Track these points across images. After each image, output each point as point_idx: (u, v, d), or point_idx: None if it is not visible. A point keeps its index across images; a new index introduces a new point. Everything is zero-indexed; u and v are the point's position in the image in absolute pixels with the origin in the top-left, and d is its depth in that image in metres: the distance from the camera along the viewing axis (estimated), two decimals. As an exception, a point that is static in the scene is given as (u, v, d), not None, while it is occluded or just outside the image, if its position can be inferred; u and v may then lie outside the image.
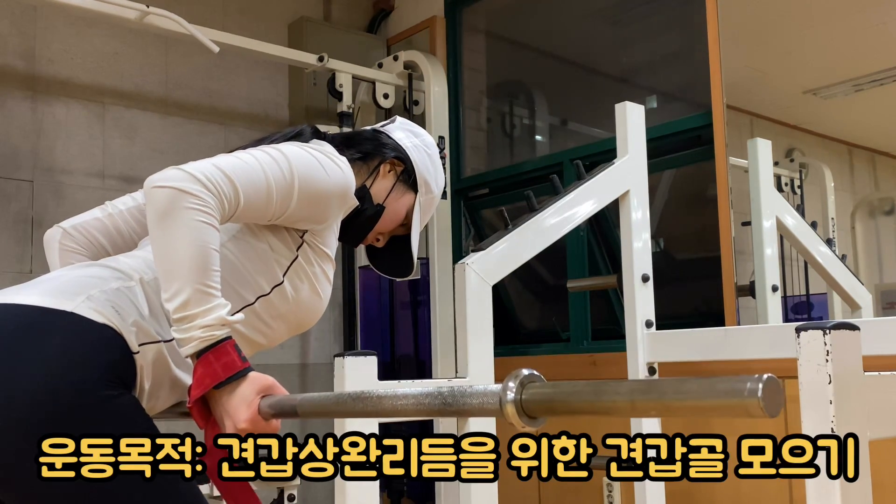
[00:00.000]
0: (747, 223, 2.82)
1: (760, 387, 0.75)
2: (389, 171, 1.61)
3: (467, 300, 2.01)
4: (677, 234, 3.32)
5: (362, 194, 1.55)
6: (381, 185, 1.60)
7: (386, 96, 3.75)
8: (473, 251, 2.07)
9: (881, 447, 1.13)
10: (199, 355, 1.22)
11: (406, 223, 1.64)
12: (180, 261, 1.22)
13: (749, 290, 2.79)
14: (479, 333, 2.01)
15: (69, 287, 1.29)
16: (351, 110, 3.64)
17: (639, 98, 2.65)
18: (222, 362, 1.22)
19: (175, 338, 1.24)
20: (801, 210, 2.88)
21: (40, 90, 3.30)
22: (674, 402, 0.82)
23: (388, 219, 1.60)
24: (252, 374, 1.25)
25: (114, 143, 3.45)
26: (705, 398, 0.80)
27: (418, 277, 3.61)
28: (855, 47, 2.77)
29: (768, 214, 2.79)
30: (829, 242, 2.81)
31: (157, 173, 1.27)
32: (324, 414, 1.19)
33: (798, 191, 2.92)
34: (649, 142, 2.51)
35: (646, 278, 2.39)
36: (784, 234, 2.85)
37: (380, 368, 1.76)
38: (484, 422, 1.93)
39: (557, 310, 3.56)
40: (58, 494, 1.16)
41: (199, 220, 1.24)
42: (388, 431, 2.84)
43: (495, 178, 3.79)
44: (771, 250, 2.77)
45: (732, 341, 2.16)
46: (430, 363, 3.59)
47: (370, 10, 4.24)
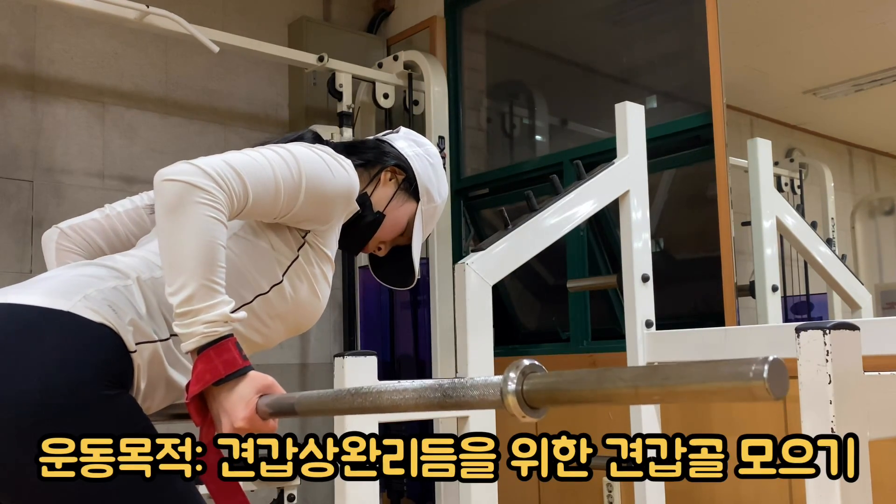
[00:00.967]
0: (747, 223, 2.82)
1: (766, 368, 0.73)
2: (391, 179, 1.60)
3: (467, 300, 2.01)
4: (677, 234, 3.32)
5: (363, 201, 1.54)
6: (382, 193, 1.59)
7: (386, 96, 3.75)
8: (473, 251, 2.07)
9: (881, 447, 1.13)
10: (200, 351, 1.22)
11: (408, 232, 1.63)
12: (187, 255, 1.22)
13: (749, 290, 2.79)
14: (479, 333, 2.02)
15: (66, 287, 1.29)
16: (351, 110, 3.64)
17: (639, 98, 2.65)
18: (223, 359, 1.22)
19: (177, 332, 1.24)
20: (801, 210, 2.88)
21: (40, 90, 3.30)
22: (677, 387, 0.80)
23: (388, 227, 1.60)
24: (252, 373, 1.24)
25: (114, 143, 3.45)
26: (709, 382, 0.78)
27: (418, 277, 3.61)
28: (855, 47, 2.77)
29: (768, 214, 2.79)
30: (829, 242, 2.81)
31: (168, 167, 1.26)
32: (323, 411, 1.19)
33: (798, 191, 2.92)
34: (649, 142, 2.51)
35: (646, 278, 2.40)
36: (784, 234, 2.85)
37: (380, 368, 1.76)
38: (484, 422, 1.93)
39: (557, 310, 3.56)
40: (58, 494, 1.16)
41: (207, 215, 1.23)
42: (389, 431, 2.84)
43: (495, 178, 3.79)
44: (771, 250, 2.77)
45: (732, 341, 2.17)
46: (430, 363, 3.59)
47: (370, 10, 4.24)
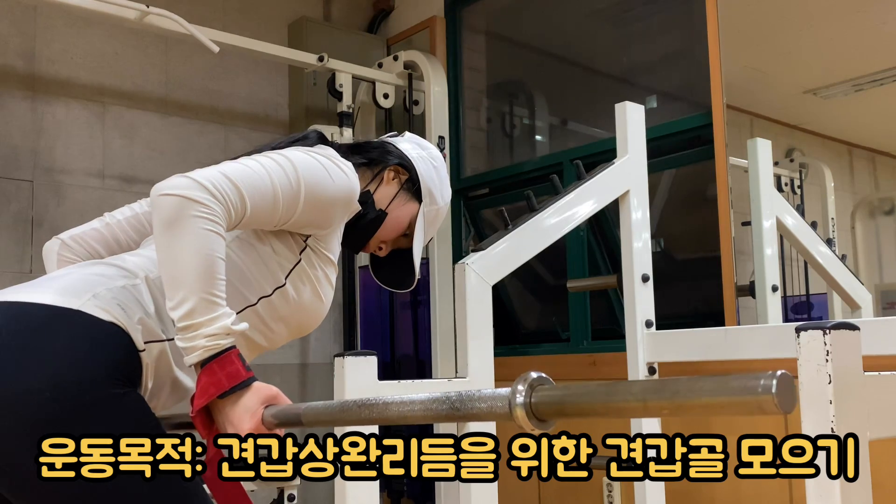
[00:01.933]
0: (747, 223, 2.82)
1: (774, 383, 0.75)
2: (393, 179, 1.61)
3: (467, 300, 2.01)
4: (677, 234, 3.32)
5: (365, 199, 1.55)
6: (385, 192, 1.60)
7: (386, 96, 3.75)
8: (473, 251, 2.07)
9: (881, 447, 1.13)
10: (203, 364, 1.22)
11: (409, 233, 1.64)
12: (186, 269, 1.22)
13: (749, 290, 2.79)
14: (479, 333, 2.01)
15: (76, 285, 1.30)
16: (351, 110, 3.64)
17: (639, 98, 2.64)
18: (226, 371, 1.22)
19: (179, 346, 1.24)
20: (801, 210, 2.88)
21: (40, 90, 3.29)
22: (687, 401, 0.81)
23: (390, 226, 1.60)
24: (256, 384, 1.25)
25: (114, 143, 3.45)
26: (719, 396, 0.79)
27: (418, 278, 3.61)
28: (855, 47, 2.77)
29: (768, 214, 2.79)
30: (829, 242, 2.81)
31: (164, 181, 1.26)
32: (329, 422, 1.19)
33: (798, 191, 2.92)
34: (649, 142, 2.51)
35: (646, 278, 2.39)
36: (784, 234, 2.85)
37: (380, 368, 1.76)
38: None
39: (557, 310, 3.56)
40: (58, 494, 1.16)
41: (205, 229, 1.23)
42: (388, 431, 2.84)
43: (495, 178, 3.78)
44: (771, 250, 2.77)
45: (732, 341, 2.17)
46: (430, 363, 3.59)
47: (370, 10, 4.24)
